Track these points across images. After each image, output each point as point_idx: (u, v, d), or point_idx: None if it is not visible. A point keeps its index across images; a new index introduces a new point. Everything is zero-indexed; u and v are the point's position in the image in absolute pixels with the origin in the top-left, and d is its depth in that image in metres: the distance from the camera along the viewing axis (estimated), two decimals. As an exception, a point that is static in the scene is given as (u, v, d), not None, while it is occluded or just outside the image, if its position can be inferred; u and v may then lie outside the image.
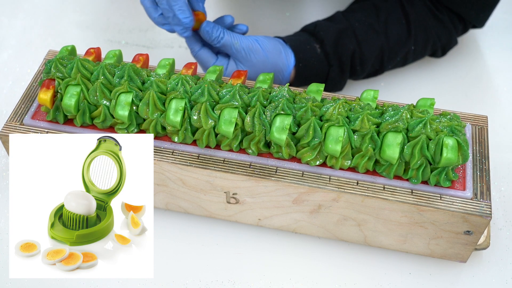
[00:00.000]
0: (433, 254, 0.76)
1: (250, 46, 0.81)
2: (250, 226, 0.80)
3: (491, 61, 1.02)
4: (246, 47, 0.81)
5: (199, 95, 0.70)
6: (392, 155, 0.67)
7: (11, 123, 0.75)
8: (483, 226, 0.69)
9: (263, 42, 0.83)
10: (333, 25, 0.88)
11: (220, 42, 0.81)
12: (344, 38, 0.87)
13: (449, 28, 0.92)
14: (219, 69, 0.76)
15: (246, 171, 0.71)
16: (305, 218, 0.75)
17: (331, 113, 0.68)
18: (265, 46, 0.83)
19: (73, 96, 0.72)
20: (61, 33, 1.06)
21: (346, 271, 0.77)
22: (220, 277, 0.76)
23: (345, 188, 0.70)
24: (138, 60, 0.77)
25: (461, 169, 0.71)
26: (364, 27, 0.88)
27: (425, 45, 0.92)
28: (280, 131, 0.68)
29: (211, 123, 0.70)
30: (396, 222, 0.72)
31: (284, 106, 0.69)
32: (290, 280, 0.76)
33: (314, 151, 0.70)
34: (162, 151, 0.73)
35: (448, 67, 1.01)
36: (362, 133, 0.68)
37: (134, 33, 1.06)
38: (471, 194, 0.69)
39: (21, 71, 1.00)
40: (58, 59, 0.74)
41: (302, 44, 0.86)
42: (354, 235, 0.76)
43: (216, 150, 0.73)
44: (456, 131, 0.67)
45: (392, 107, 0.70)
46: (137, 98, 0.71)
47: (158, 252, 0.78)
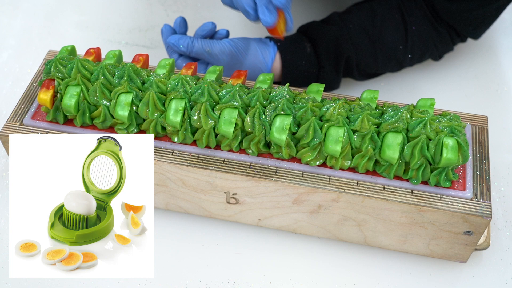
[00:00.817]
0: (433, 254, 0.76)
1: (223, 50, 0.83)
2: (250, 226, 0.80)
3: (491, 61, 1.02)
4: (219, 52, 0.83)
5: (199, 95, 0.70)
6: (392, 156, 0.67)
7: (11, 123, 0.75)
8: (483, 227, 0.69)
9: (237, 43, 0.84)
10: (327, 26, 0.88)
11: (193, 51, 0.83)
12: (337, 39, 0.87)
13: (446, 40, 0.92)
14: (219, 69, 0.76)
15: (246, 171, 0.71)
16: (305, 218, 0.75)
17: (331, 113, 0.68)
18: (239, 47, 0.84)
19: (73, 96, 0.72)
20: (61, 33, 1.06)
21: (346, 271, 0.77)
22: (220, 277, 0.76)
23: (345, 189, 0.70)
24: (138, 60, 0.77)
25: (461, 169, 0.71)
26: (357, 29, 0.88)
27: (422, 54, 0.92)
28: (280, 132, 0.68)
29: (211, 123, 0.70)
30: (396, 223, 0.72)
31: (284, 106, 0.69)
32: (290, 280, 0.76)
33: (314, 151, 0.70)
34: (162, 151, 0.73)
35: (448, 67, 1.00)
36: (362, 133, 0.68)
37: (134, 33, 1.06)
38: (471, 195, 0.69)
39: (21, 71, 1.00)
40: (58, 59, 0.74)
41: (291, 43, 0.87)
42: (354, 235, 0.76)
43: (216, 150, 0.73)
44: (456, 131, 0.67)
45: (392, 107, 0.70)
46: (137, 98, 0.71)
47: (158, 252, 0.78)
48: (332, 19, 0.90)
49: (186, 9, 1.10)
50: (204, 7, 1.10)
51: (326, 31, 0.87)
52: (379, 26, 0.89)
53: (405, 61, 0.91)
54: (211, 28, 0.86)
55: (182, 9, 1.10)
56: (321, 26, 0.88)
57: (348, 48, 0.87)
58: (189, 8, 1.10)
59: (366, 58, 0.88)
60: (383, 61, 0.90)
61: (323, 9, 1.08)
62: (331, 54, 0.87)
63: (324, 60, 0.87)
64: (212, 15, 1.07)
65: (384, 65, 0.90)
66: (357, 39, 0.88)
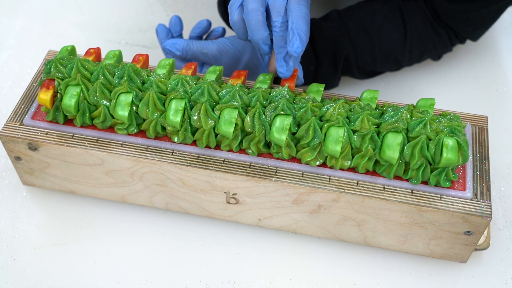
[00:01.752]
0: (433, 255, 0.76)
1: (219, 50, 0.83)
2: (250, 226, 0.80)
3: (491, 61, 1.02)
4: (216, 52, 0.83)
5: (199, 95, 0.70)
6: (392, 156, 0.67)
7: (11, 123, 0.75)
8: (483, 227, 0.69)
9: (233, 41, 0.84)
10: (326, 23, 0.88)
11: (188, 54, 0.83)
12: (336, 37, 0.87)
13: (445, 41, 0.92)
14: (219, 69, 0.76)
15: (246, 172, 0.71)
16: (305, 218, 0.75)
17: (331, 114, 0.68)
18: (236, 45, 0.83)
19: (73, 96, 0.72)
20: (61, 33, 1.06)
21: (346, 271, 0.77)
22: (220, 277, 0.76)
23: (345, 189, 0.70)
24: (138, 60, 0.77)
25: (461, 170, 0.71)
26: (356, 27, 0.88)
27: (421, 54, 0.92)
28: (280, 132, 0.68)
29: (211, 124, 0.70)
30: (396, 223, 0.72)
31: (284, 106, 0.69)
32: (290, 280, 0.76)
33: (314, 151, 0.70)
34: (162, 151, 0.73)
35: (448, 67, 1.00)
36: (362, 134, 0.68)
37: (134, 33, 1.06)
38: (471, 195, 0.69)
39: (21, 71, 1.00)
40: (58, 59, 0.74)
41: None
42: (354, 236, 0.76)
43: (216, 151, 0.73)
44: (456, 131, 0.67)
45: (392, 107, 0.70)
46: (137, 98, 0.71)
47: (158, 252, 0.78)
48: (331, 17, 0.90)
49: (186, 9, 1.10)
50: (204, 7, 1.10)
51: (325, 29, 0.87)
52: (379, 24, 0.89)
53: (403, 61, 0.91)
54: (206, 25, 0.86)
55: (182, 9, 1.10)
56: (319, 24, 0.88)
57: (346, 46, 0.87)
58: (189, 8, 1.10)
59: (364, 56, 0.88)
60: (381, 59, 0.90)
61: (322, 7, 1.08)
62: (329, 52, 0.87)
63: (322, 57, 0.87)
64: (212, 15, 1.07)
65: (383, 64, 0.90)
66: (355, 37, 0.88)
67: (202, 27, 0.87)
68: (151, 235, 0.80)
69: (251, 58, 0.85)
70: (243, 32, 0.74)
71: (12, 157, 0.77)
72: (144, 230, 0.80)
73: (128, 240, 0.79)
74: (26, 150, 0.75)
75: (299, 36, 0.69)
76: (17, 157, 0.77)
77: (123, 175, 0.75)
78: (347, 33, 0.87)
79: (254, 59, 0.85)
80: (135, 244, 0.79)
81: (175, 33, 0.88)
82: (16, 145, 0.75)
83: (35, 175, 0.79)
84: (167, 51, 0.84)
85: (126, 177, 0.75)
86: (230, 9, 0.74)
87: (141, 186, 0.77)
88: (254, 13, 0.70)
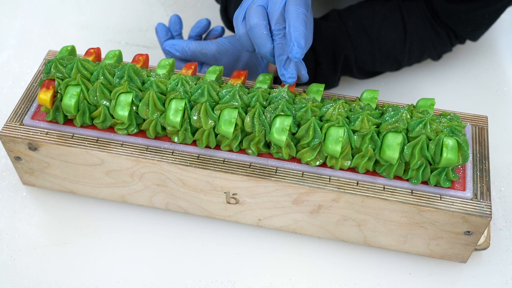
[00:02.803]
0: (433, 255, 0.76)
1: (219, 50, 0.83)
2: (250, 226, 0.80)
3: (491, 61, 1.02)
4: (216, 52, 0.83)
5: (199, 95, 0.70)
6: (392, 156, 0.67)
7: (11, 123, 0.75)
8: (483, 227, 0.69)
9: (232, 41, 0.84)
10: (325, 22, 0.88)
11: (188, 55, 0.83)
12: (335, 36, 0.87)
13: (445, 41, 0.92)
14: (219, 69, 0.76)
15: (246, 172, 0.71)
16: (305, 218, 0.75)
17: (331, 114, 0.68)
18: (235, 45, 0.84)
19: (73, 96, 0.72)
20: (61, 33, 1.06)
21: (346, 271, 0.77)
22: (220, 277, 0.76)
23: (345, 189, 0.70)
24: (138, 60, 0.77)
25: (461, 170, 0.71)
26: (356, 27, 0.88)
27: (421, 54, 0.92)
28: (280, 132, 0.68)
29: (211, 124, 0.70)
30: (396, 223, 0.72)
31: (284, 107, 0.69)
32: (290, 280, 0.76)
33: (314, 151, 0.70)
34: (162, 151, 0.73)
35: (448, 67, 1.00)
36: (362, 134, 0.68)
37: (134, 33, 1.06)
38: (471, 195, 0.69)
39: (21, 71, 1.00)
40: (58, 59, 0.74)
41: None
42: (354, 236, 0.76)
43: (216, 151, 0.73)
44: (456, 131, 0.67)
45: (392, 107, 0.70)
46: (137, 98, 0.71)
47: (158, 252, 0.78)
48: (331, 17, 0.90)
49: (186, 9, 1.10)
50: (204, 7, 1.10)
51: (324, 28, 0.87)
52: (378, 24, 0.89)
53: (403, 61, 0.91)
54: (205, 24, 0.86)
55: (182, 9, 1.10)
56: (319, 23, 0.88)
57: (346, 45, 0.87)
58: (189, 8, 1.10)
59: (364, 56, 0.88)
60: (381, 59, 0.90)
61: (322, 7, 1.08)
62: (328, 51, 0.87)
63: (321, 56, 0.87)
64: (212, 15, 1.07)
65: (382, 63, 0.90)
66: (355, 37, 0.88)
67: (202, 26, 0.87)
68: (151, 235, 0.80)
69: (251, 58, 0.85)
70: (250, 45, 0.73)
71: (12, 157, 0.77)
72: (144, 230, 0.80)
73: (128, 240, 0.79)
74: (26, 150, 0.75)
75: (296, 41, 0.67)
76: (17, 157, 0.77)
77: (123, 175, 0.75)
78: (346, 33, 0.87)
79: (253, 59, 0.85)
80: (135, 244, 0.79)
81: (175, 33, 0.88)
82: (16, 145, 0.75)
83: (35, 175, 0.79)
84: (166, 51, 0.84)
85: (126, 177, 0.75)
86: (235, 22, 0.73)
87: (141, 186, 0.77)
88: (257, 28, 0.70)
